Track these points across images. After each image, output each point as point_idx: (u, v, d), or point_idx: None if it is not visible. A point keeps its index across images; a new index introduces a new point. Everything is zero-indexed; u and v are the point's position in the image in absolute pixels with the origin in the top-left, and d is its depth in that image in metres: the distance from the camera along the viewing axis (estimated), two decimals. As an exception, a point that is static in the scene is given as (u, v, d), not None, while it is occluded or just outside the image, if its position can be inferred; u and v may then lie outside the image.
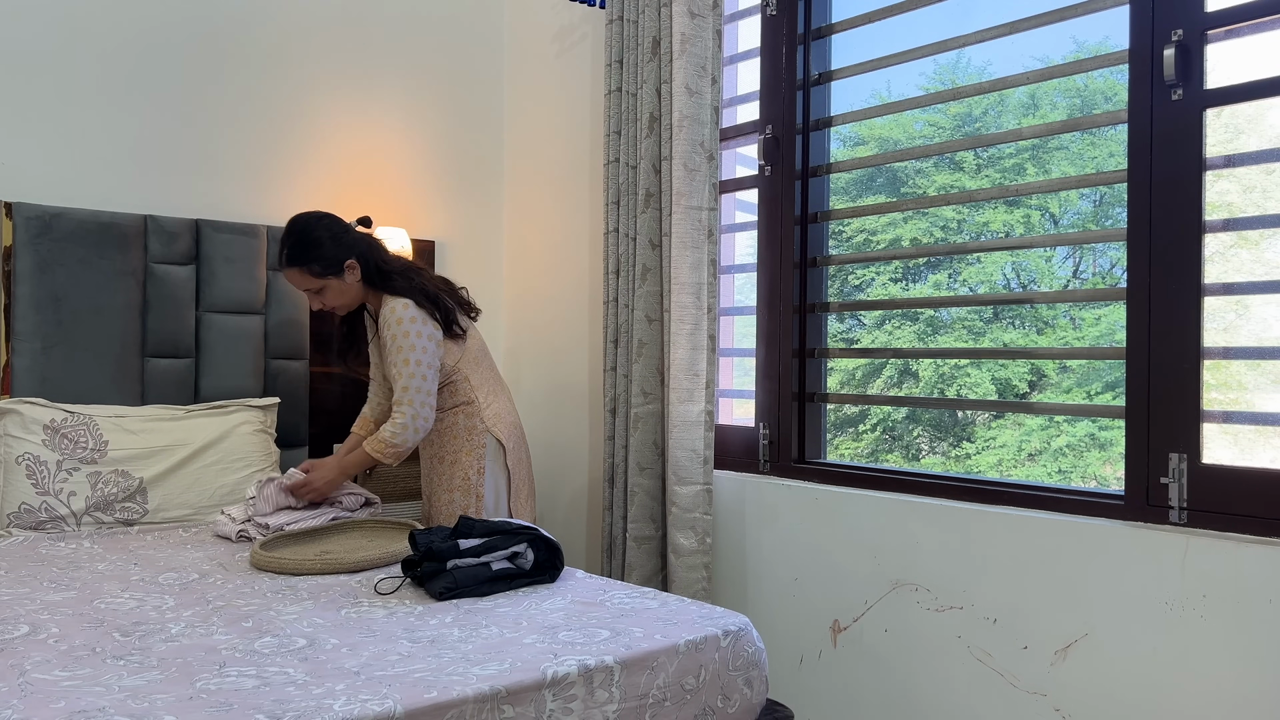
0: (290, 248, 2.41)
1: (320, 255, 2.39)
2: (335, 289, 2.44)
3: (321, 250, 2.39)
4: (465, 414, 2.49)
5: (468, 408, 2.49)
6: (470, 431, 2.48)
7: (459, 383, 2.50)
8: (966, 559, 2.10)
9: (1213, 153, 1.82)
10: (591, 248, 3.17)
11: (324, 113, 3.15)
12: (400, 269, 2.48)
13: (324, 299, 2.45)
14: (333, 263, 2.40)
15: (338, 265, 2.41)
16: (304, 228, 2.41)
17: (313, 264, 2.39)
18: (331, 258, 2.40)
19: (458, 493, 2.47)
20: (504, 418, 2.54)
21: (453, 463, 2.49)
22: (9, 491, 2.35)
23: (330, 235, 2.41)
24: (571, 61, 3.25)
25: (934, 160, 2.95)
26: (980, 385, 3.12)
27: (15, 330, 2.52)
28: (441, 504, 2.50)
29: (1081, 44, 2.31)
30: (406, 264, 2.52)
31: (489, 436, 2.49)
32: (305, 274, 2.41)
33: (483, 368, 2.56)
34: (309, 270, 2.40)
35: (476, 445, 2.48)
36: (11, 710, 1.23)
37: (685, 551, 2.52)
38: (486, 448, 2.49)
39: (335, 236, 2.42)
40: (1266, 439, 1.82)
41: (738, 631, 1.68)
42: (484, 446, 2.48)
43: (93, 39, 2.73)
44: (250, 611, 1.73)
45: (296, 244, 2.40)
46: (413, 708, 1.28)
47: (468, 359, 2.51)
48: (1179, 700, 1.78)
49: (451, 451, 2.49)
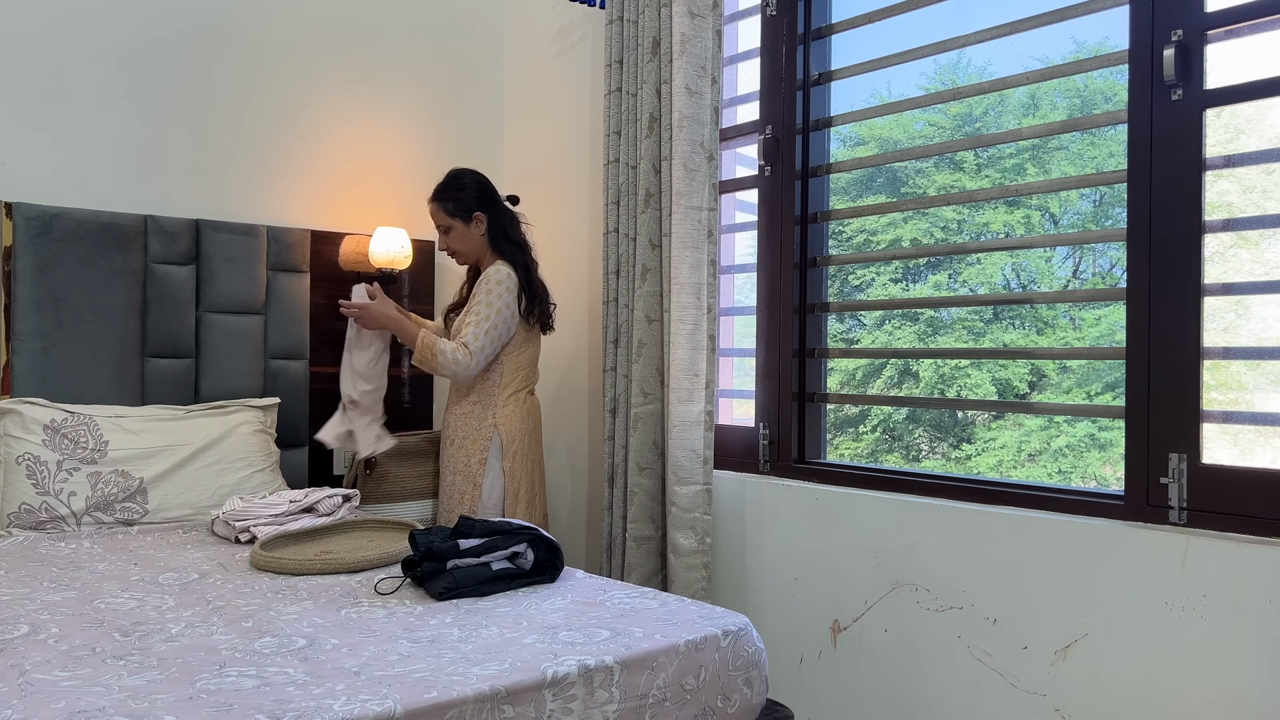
0: (440, 185, 2.71)
1: (458, 197, 2.68)
2: (459, 233, 2.69)
3: (461, 194, 2.68)
4: (483, 406, 2.66)
5: (491, 400, 2.65)
6: (480, 422, 2.65)
7: (497, 375, 2.65)
8: (966, 559, 2.10)
9: (1213, 153, 1.82)
10: (591, 248, 3.16)
11: (324, 113, 3.15)
12: (523, 247, 2.72)
13: (449, 239, 2.70)
14: (465, 208, 2.67)
15: (468, 212, 2.67)
16: (457, 174, 2.72)
17: (449, 202, 2.68)
18: (467, 203, 2.67)
19: (459, 476, 2.65)
20: (514, 422, 2.66)
21: (460, 446, 2.66)
22: (9, 491, 2.35)
23: (474, 186, 2.70)
24: (571, 61, 3.25)
25: (934, 160, 2.95)
26: (980, 386, 3.12)
27: (15, 330, 2.52)
28: (447, 484, 2.69)
29: (1081, 44, 2.31)
30: (529, 250, 2.74)
31: (495, 432, 2.64)
32: (440, 209, 2.68)
33: (521, 375, 2.70)
34: (444, 207, 2.68)
35: (483, 436, 2.64)
36: (11, 710, 1.23)
37: (685, 551, 2.52)
38: (491, 441, 2.64)
39: (478, 190, 2.70)
40: (1266, 439, 1.81)
41: (738, 631, 1.68)
42: (489, 439, 2.64)
43: (93, 39, 2.73)
44: (250, 611, 1.73)
45: (445, 183, 2.70)
46: (413, 708, 1.28)
47: (521, 361, 2.69)
48: (1179, 700, 1.78)
49: (461, 435, 2.67)
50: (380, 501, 2.91)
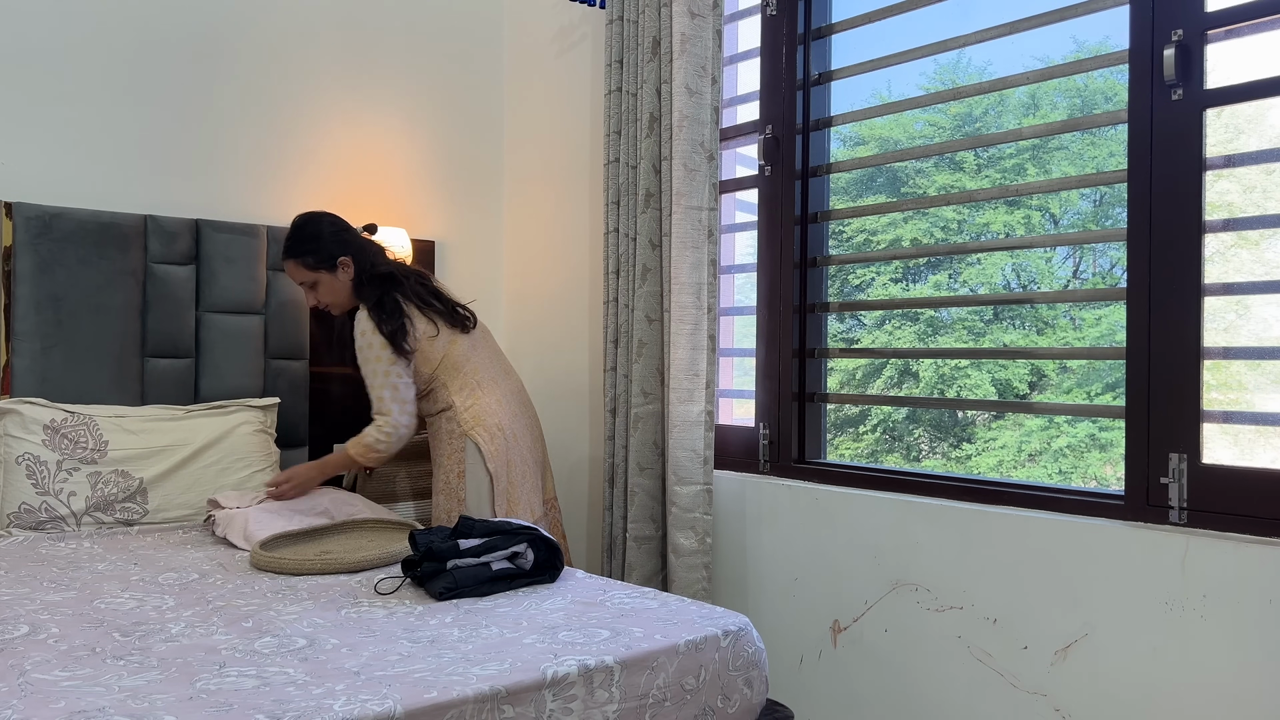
0: (290, 239, 2.54)
1: (315, 249, 2.51)
2: (327, 284, 2.54)
3: (318, 244, 2.51)
4: (446, 419, 2.54)
5: (448, 413, 2.54)
6: (450, 435, 2.53)
7: (437, 389, 2.55)
8: (966, 559, 2.10)
9: (1213, 153, 1.82)
10: (591, 248, 3.16)
11: (324, 112, 3.15)
12: (385, 274, 2.52)
13: (317, 294, 2.56)
14: (326, 258, 2.52)
15: (331, 261, 2.52)
16: (306, 222, 2.54)
17: (307, 256, 2.52)
18: (326, 253, 2.51)
19: (442, 495, 2.54)
20: (485, 419, 2.52)
21: (438, 466, 2.56)
22: (9, 491, 2.35)
23: (329, 232, 2.53)
24: (571, 61, 3.25)
25: (934, 160, 2.95)
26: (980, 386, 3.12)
27: (15, 330, 2.52)
28: (437, 505, 2.57)
29: (1081, 44, 2.31)
30: (395, 271, 2.55)
31: (466, 440, 2.51)
32: (300, 266, 2.53)
33: (464, 372, 2.54)
34: (303, 262, 2.52)
35: (456, 449, 2.52)
36: (11, 710, 1.23)
37: (685, 551, 2.52)
38: (465, 451, 2.51)
39: (334, 234, 2.53)
40: (1266, 439, 1.81)
41: (738, 631, 1.68)
42: (462, 450, 2.51)
43: (93, 39, 2.73)
44: (250, 611, 1.73)
45: (295, 236, 2.53)
46: (413, 708, 1.28)
47: (446, 365, 2.53)
48: (1179, 700, 1.78)
49: (438, 455, 2.57)
50: (380, 502, 2.91)
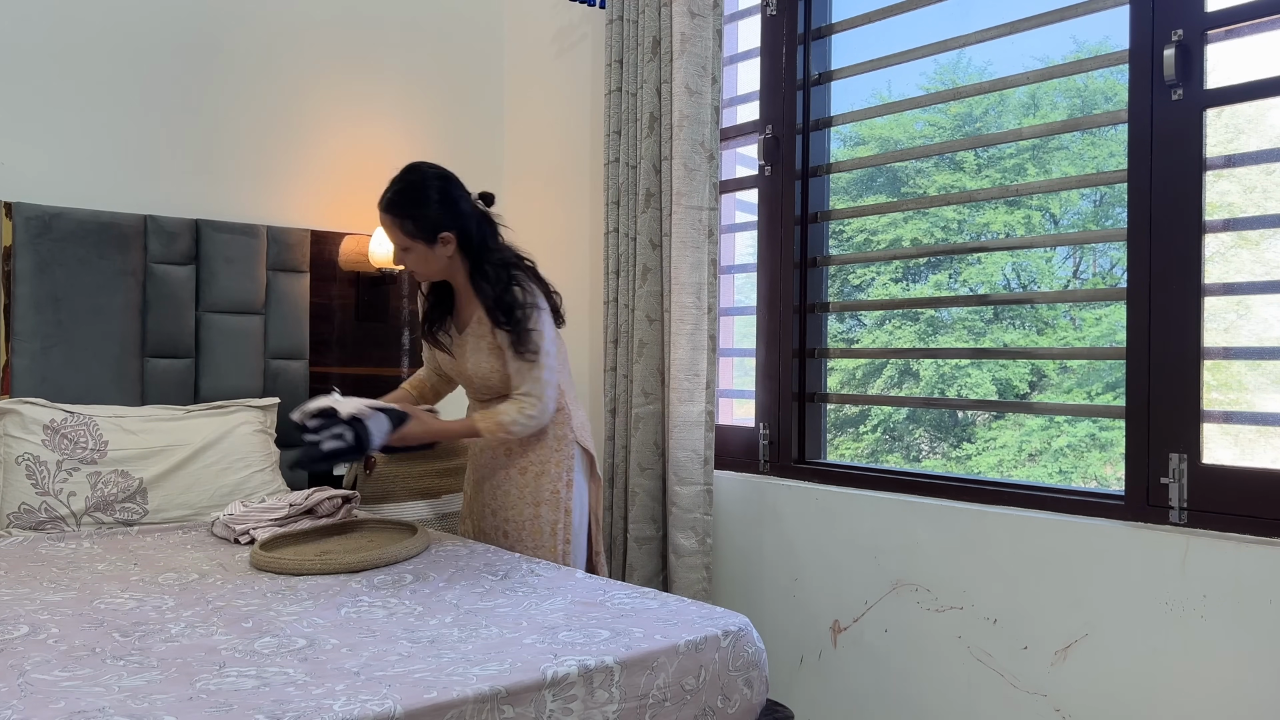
0: (394, 192, 2.16)
1: (418, 216, 2.14)
2: (420, 255, 2.17)
3: (425, 210, 2.14)
4: (555, 421, 2.27)
5: (558, 414, 2.27)
6: (560, 441, 2.26)
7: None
8: (966, 559, 2.10)
9: (1213, 153, 1.82)
10: (591, 248, 3.16)
11: (324, 112, 3.15)
12: (513, 259, 2.25)
13: (407, 259, 2.20)
14: (428, 229, 2.14)
15: (433, 233, 2.15)
16: (417, 179, 2.17)
17: (407, 220, 2.14)
18: (429, 224, 2.14)
19: (545, 506, 2.25)
20: (588, 428, 2.37)
21: (539, 474, 2.26)
22: (9, 491, 2.35)
23: (438, 198, 2.16)
24: (571, 61, 3.25)
25: (934, 160, 2.95)
26: (981, 385, 3.12)
27: (15, 330, 2.52)
28: (525, 518, 2.26)
29: (1081, 44, 2.31)
30: (518, 254, 2.28)
31: (577, 447, 2.29)
32: (396, 228, 2.16)
33: (565, 373, 2.33)
34: (401, 226, 2.15)
35: (565, 455, 2.26)
36: (11, 710, 1.23)
37: (685, 552, 2.52)
38: (575, 459, 2.28)
39: (443, 202, 2.16)
40: (1267, 439, 1.81)
41: (738, 632, 1.68)
42: (572, 457, 2.27)
43: (93, 39, 2.73)
44: (250, 612, 1.72)
45: (402, 192, 2.15)
46: (413, 708, 1.28)
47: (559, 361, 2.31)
48: (1179, 700, 1.78)
49: (538, 462, 2.26)
50: (380, 501, 2.91)
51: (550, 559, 2.24)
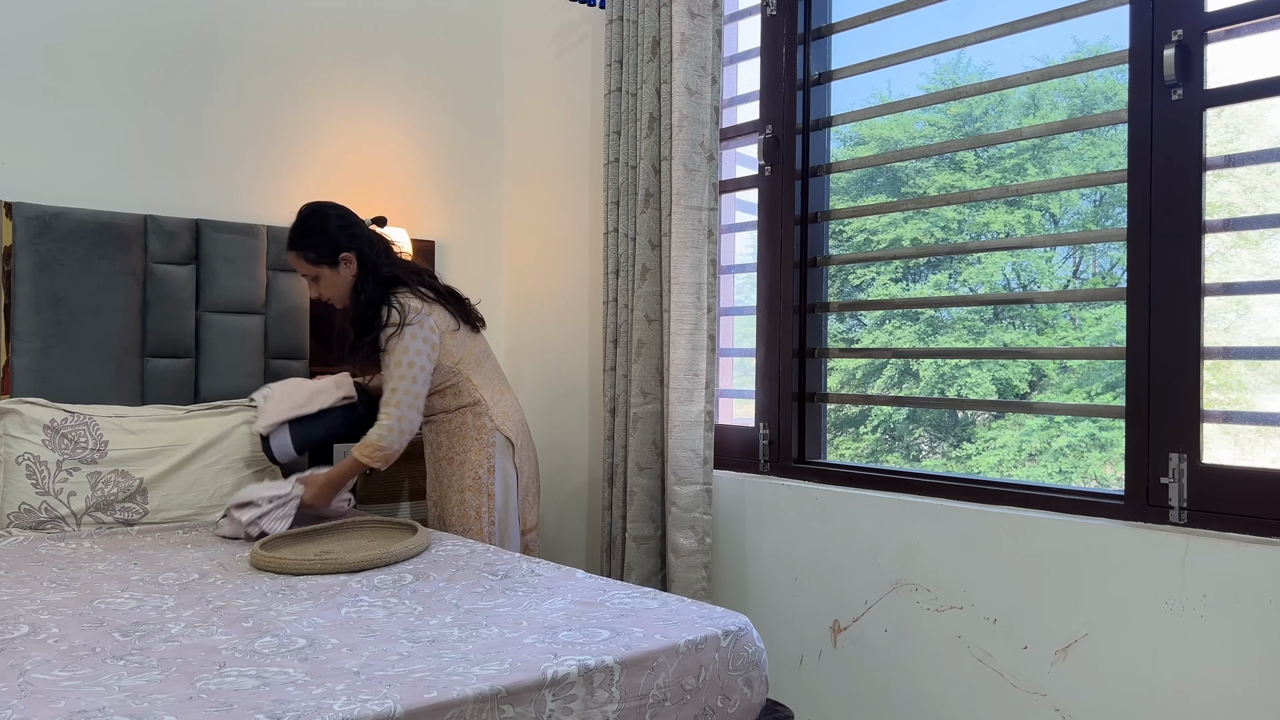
0: (294, 230, 2.48)
1: (318, 243, 2.45)
2: (328, 279, 2.49)
3: (321, 238, 2.45)
4: (473, 413, 2.52)
5: (475, 407, 2.52)
6: (479, 430, 2.51)
7: (461, 383, 2.53)
8: (966, 559, 2.10)
9: (1213, 153, 1.82)
10: (591, 248, 3.16)
11: (324, 112, 3.15)
12: (405, 271, 2.51)
13: (319, 288, 2.51)
14: (329, 252, 2.46)
15: (333, 256, 2.46)
16: (310, 212, 2.48)
17: (309, 250, 2.46)
18: (329, 247, 2.45)
19: (469, 492, 2.50)
20: (511, 416, 2.58)
21: (462, 462, 2.51)
22: (9, 491, 2.35)
23: (336, 225, 2.47)
24: (571, 61, 3.25)
25: (934, 160, 2.95)
26: (980, 385, 3.12)
27: (15, 330, 2.52)
28: (453, 504, 2.52)
29: (1081, 44, 2.31)
30: (412, 266, 2.56)
31: (498, 434, 2.52)
32: (301, 259, 2.48)
33: (485, 369, 2.58)
34: (304, 256, 2.47)
35: (486, 443, 2.50)
36: (11, 710, 1.23)
37: (685, 551, 2.52)
38: (495, 445, 2.51)
39: (340, 227, 2.47)
40: (1267, 439, 1.81)
41: (738, 631, 1.68)
42: (493, 445, 2.51)
43: (92, 39, 2.73)
44: (250, 611, 1.73)
45: (299, 226, 2.48)
46: (413, 708, 1.28)
47: (468, 360, 2.54)
48: (1179, 700, 1.78)
49: (460, 451, 2.52)
50: (380, 501, 2.91)
51: (479, 539, 2.48)
